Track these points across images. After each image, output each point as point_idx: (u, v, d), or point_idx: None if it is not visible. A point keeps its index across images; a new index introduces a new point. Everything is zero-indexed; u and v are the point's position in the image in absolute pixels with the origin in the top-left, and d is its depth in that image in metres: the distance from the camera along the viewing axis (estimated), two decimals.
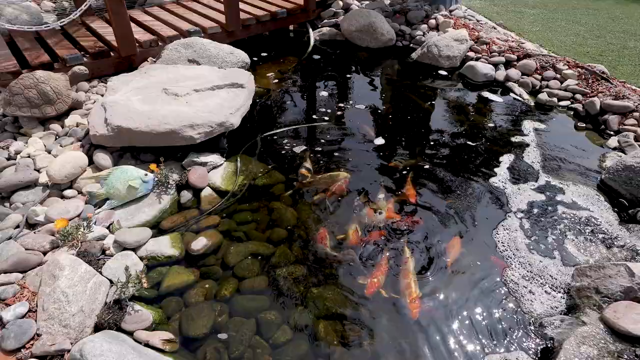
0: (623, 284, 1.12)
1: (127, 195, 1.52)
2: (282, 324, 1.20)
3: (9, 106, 1.83)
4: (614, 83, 2.29)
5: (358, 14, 3.10)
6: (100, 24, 2.70)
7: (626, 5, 4.32)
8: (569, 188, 1.68)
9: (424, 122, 2.22)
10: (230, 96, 1.93)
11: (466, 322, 1.19)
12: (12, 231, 1.36)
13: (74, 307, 1.07)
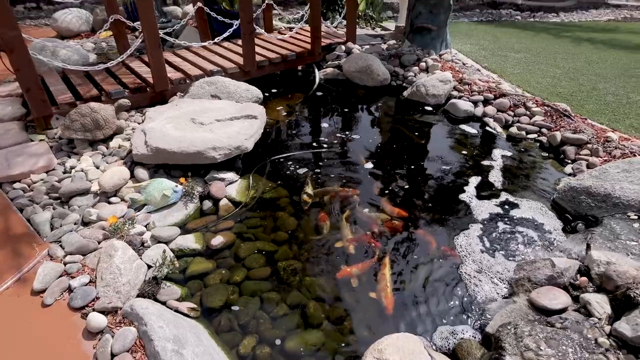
0: (547, 273, 1.43)
1: (161, 202, 1.90)
2: (280, 302, 1.52)
3: (67, 130, 2.25)
4: (574, 119, 2.65)
5: (358, 57, 3.56)
6: (137, 64, 3.19)
7: (604, 51, 4.76)
8: (524, 204, 2.01)
9: (409, 150, 2.59)
10: (246, 125, 2.34)
11: (423, 303, 1.50)
12: (72, 226, 1.73)
13: (124, 279, 1.42)
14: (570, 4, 9.77)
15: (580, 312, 1.29)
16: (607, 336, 1.18)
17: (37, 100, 2.32)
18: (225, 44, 3.71)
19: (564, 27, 6.70)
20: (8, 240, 1.66)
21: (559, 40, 5.37)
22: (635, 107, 3.04)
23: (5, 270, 1.51)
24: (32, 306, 1.38)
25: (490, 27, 6.48)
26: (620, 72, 3.88)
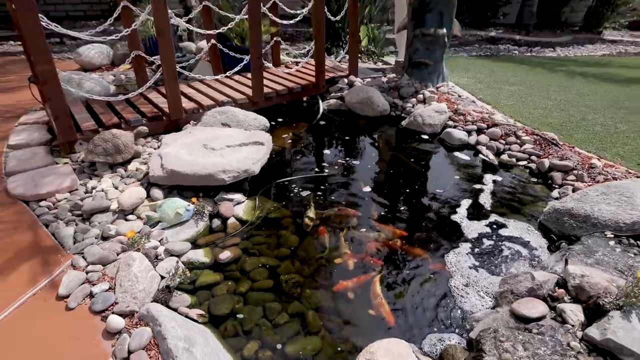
0: (528, 286, 1.55)
1: (174, 220, 2.06)
2: (282, 311, 1.65)
3: (90, 154, 2.46)
4: (561, 147, 2.82)
5: (359, 90, 3.80)
6: (154, 95, 3.44)
7: (595, 84, 4.98)
8: (512, 225, 2.14)
9: (406, 175, 2.76)
10: (253, 151, 2.53)
11: (414, 314, 1.62)
12: (93, 240, 1.89)
13: (140, 286, 1.57)
14: (567, 39, 10.15)
15: (557, 320, 1.40)
16: (579, 340, 1.29)
17: (64, 127, 2.55)
18: (236, 77, 3.99)
19: (558, 62, 7.00)
20: (35, 252, 1.82)
21: (552, 74, 5.62)
22: (621, 137, 3.21)
23: (33, 278, 1.67)
24: (57, 309, 1.53)
25: (488, 61, 6.79)
26: (609, 104, 4.08)
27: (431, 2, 3.77)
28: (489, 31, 10.58)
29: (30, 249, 1.84)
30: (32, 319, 1.49)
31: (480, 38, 9.93)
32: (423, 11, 3.86)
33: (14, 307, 1.52)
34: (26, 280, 1.65)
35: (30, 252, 1.82)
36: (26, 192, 2.25)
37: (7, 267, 1.72)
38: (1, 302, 1.54)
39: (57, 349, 1.38)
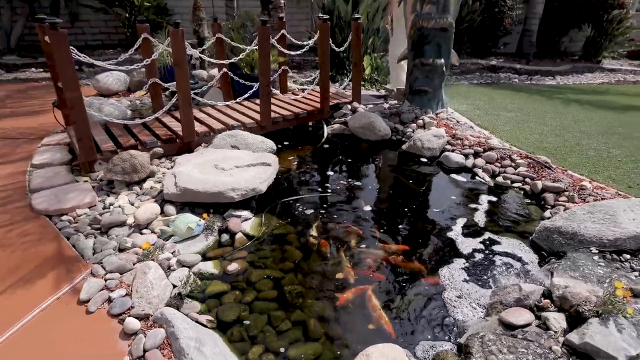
0: (515, 296, 1.65)
1: (186, 234, 2.21)
2: (285, 319, 1.76)
3: (109, 173, 2.64)
4: (554, 170, 2.95)
5: (362, 115, 4.00)
6: (169, 119, 3.66)
7: (591, 111, 5.15)
8: (505, 242, 2.25)
9: (406, 195, 2.89)
10: (260, 171, 2.70)
11: (409, 323, 1.72)
12: (111, 251, 2.04)
13: (155, 292, 1.70)
14: (566, 68, 10.42)
15: (541, 327, 1.50)
16: (560, 345, 1.39)
17: (86, 148, 2.75)
18: (245, 103, 4.22)
19: (556, 89, 7.21)
20: (58, 261, 1.97)
21: (550, 101, 5.81)
22: (614, 161, 3.33)
23: (57, 284, 1.81)
24: (78, 313, 1.66)
25: (488, 89, 7.03)
26: (603, 130, 4.22)
27: (429, 35, 4.02)
28: (490, 60, 10.90)
29: (53, 258, 1.99)
30: (55, 320, 1.62)
31: (482, 66, 10.22)
32: (422, 43, 4.10)
33: (39, 310, 1.66)
34: (50, 286, 1.79)
35: (53, 262, 1.96)
36: (49, 207, 2.42)
37: (33, 274, 1.87)
38: (28, 305, 1.67)
39: (77, 347, 1.50)
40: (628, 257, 1.84)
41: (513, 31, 11.45)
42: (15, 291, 1.77)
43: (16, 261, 1.96)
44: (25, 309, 1.66)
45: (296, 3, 10.41)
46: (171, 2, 10.09)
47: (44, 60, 8.70)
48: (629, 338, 1.33)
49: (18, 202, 2.56)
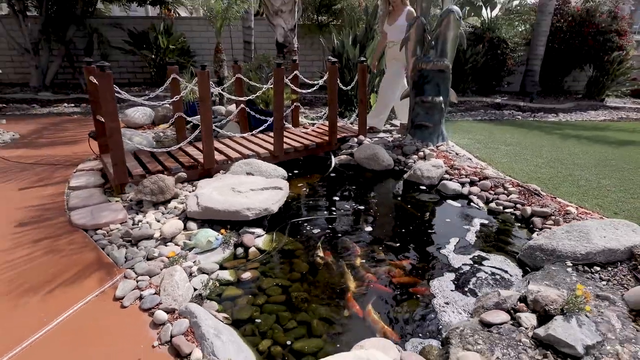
0: (495, 300, 1.87)
1: (206, 246, 2.49)
2: (291, 319, 1.99)
3: (139, 193, 2.98)
4: (543, 197, 3.18)
5: (367, 147, 4.33)
6: (191, 149, 4.05)
7: (587, 145, 5.40)
8: (493, 259, 2.47)
9: (404, 218, 3.15)
10: (273, 194, 3.01)
11: (400, 325, 1.93)
12: (141, 259, 2.33)
13: (180, 291, 1.96)
14: (570, 105, 10.74)
15: (514, 324, 1.71)
16: (529, 338, 1.59)
17: (120, 172, 3.11)
18: (260, 135, 4.61)
19: (557, 125, 7.50)
20: (96, 266, 2.27)
21: (548, 136, 6.09)
22: (603, 190, 3.55)
23: (96, 284, 2.09)
24: (114, 307, 1.93)
25: (490, 125, 7.35)
26: (597, 162, 4.46)
27: (428, 75, 4.41)
28: (495, 98, 11.30)
29: (92, 264, 2.29)
30: (95, 312, 1.89)
31: (486, 104, 10.59)
32: (422, 83, 4.49)
33: (82, 303, 1.94)
34: (90, 285, 2.08)
35: (92, 266, 2.26)
36: (87, 223, 2.74)
37: (77, 275, 2.16)
38: (73, 299, 1.96)
39: (113, 335, 1.76)
40: (598, 269, 2.05)
41: (516, 71, 11.91)
42: (63, 288, 2.06)
43: (62, 265, 2.27)
44: (71, 302, 1.94)
45: (310, 46, 11.15)
46: (194, 45, 10.93)
47: (75, 97, 9.44)
48: (587, 331, 1.54)
49: (59, 218, 2.91)
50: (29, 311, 1.91)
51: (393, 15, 4.96)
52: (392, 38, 4.97)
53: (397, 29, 4.85)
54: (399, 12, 4.88)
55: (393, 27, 4.93)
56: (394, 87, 5.16)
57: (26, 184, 3.61)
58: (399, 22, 4.85)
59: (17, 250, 2.45)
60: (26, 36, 9.34)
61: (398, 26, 4.84)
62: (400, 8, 4.87)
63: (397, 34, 4.86)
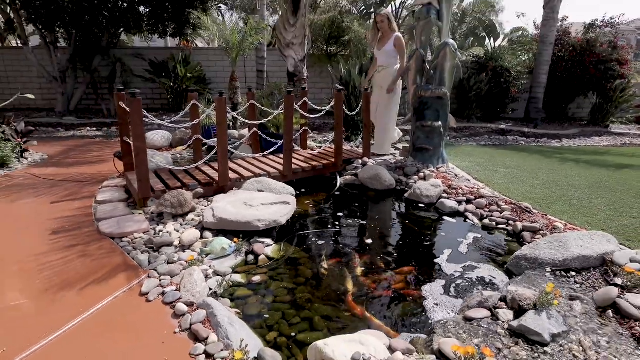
0: (478, 300, 2.08)
1: (220, 253, 2.76)
2: (295, 315, 2.22)
3: (160, 206, 3.29)
4: (534, 214, 3.40)
5: (370, 168, 4.62)
6: (207, 168, 4.38)
7: (585, 169, 5.59)
8: (483, 268, 2.68)
9: (403, 232, 3.38)
10: (281, 208, 3.29)
11: (393, 322, 2.15)
12: (163, 262, 2.60)
13: (198, 288, 2.22)
14: (575, 132, 10.93)
15: (493, 319, 1.91)
16: (505, 329, 1.80)
17: (144, 187, 3.44)
18: (271, 156, 4.94)
19: (557, 150, 7.71)
20: (123, 268, 2.54)
21: (547, 159, 6.31)
22: (594, 209, 3.75)
23: (122, 283, 2.36)
24: (140, 301, 2.19)
25: (492, 149, 7.60)
26: (591, 184, 4.66)
27: (428, 102, 4.74)
28: (500, 124, 11.57)
29: (120, 266, 2.57)
30: (123, 305, 2.16)
31: (491, 130, 10.85)
32: (423, 109, 4.81)
33: (112, 298, 2.20)
34: (118, 284, 2.35)
35: (120, 268, 2.54)
36: (114, 232, 3.05)
37: (107, 275, 2.44)
38: (102, 295, 2.23)
39: (140, 324, 2.01)
40: (574, 274, 2.25)
41: (520, 98, 12.22)
42: (95, 285, 2.34)
43: (93, 266, 2.55)
44: (102, 297, 2.21)
45: (319, 74, 11.69)
46: (209, 74, 11.55)
47: (97, 121, 10.00)
48: (554, 322, 1.74)
49: (88, 227, 3.22)
50: (66, 304, 2.18)
51: (382, 40, 5.30)
52: (381, 62, 5.31)
53: (386, 54, 5.21)
54: (388, 38, 5.22)
55: (382, 52, 5.27)
56: (388, 110, 5.40)
57: (57, 198, 3.96)
58: (387, 47, 5.20)
59: (53, 254, 2.75)
60: (55, 65, 10.04)
61: (386, 51, 5.20)
62: (388, 34, 5.22)
63: (385, 58, 5.23)
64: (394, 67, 5.22)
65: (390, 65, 5.23)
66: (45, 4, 8.61)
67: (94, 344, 1.87)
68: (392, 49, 5.13)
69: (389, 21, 5.17)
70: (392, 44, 5.16)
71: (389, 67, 5.23)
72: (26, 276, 2.46)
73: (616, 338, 1.71)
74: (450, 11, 4.77)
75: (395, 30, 5.23)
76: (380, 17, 5.20)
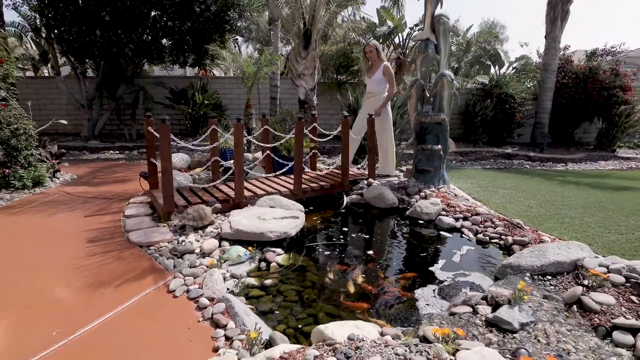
0: (462, 299, 2.36)
1: (236, 260, 3.10)
2: (302, 312, 2.52)
3: (183, 219, 3.67)
4: (524, 229, 3.67)
5: (375, 188, 4.95)
6: (223, 187, 4.78)
7: (583, 190, 5.82)
8: (473, 275, 2.94)
9: (403, 245, 3.67)
10: (291, 221, 3.63)
11: (389, 317, 2.43)
12: (186, 266, 2.95)
13: (217, 286, 2.55)
14: (581, 156, 11.11)
15: (473, 313, 2.19)
16: (482, 321, 2.08)
17: (169, 202, 3.83)
18: (282, 177, 5.32)
19: (560, 173, 7.93)
20: (152, 270, 2.90)
21: (548, 182, 6.55)
22: (584, 226, 3.99)
23: (152, 282, 2.71)
24: (168, 297, 2.53)
25: (495, 172, 7.87)
26: (586, 204, 4.89)
27: (428, 127, 5.11)
28: (506, 148, 11.83)
29: (148, 269, 2.92)
30: (153, 300, 2.50)
31: (497, 154, 11.10)
32: (424, 134, 5.18)
33: (144, 294, 2.55)
34: (148, 283, 2.70)
35: (148, 271, 2.89)
36: (142, 241, 3.42)
37: (136, 277, 2.80)
38: (135, 292, 2.58)
39: (168, 314, 2.35)
40: (549, 277, 2.52)
41: (526, 123, 12.51)
42: (128, 284, 2.69)
43: (125, 269, 2.92)
44: (135, 293, 2.56)
45: (329, 101, 12.26)
46: (225, 101, 12.21)
47: (119, 145, 10.61)
48: (524, 314, 2.02)
49: (118, 237, 3.60)
50: (105, 298, 2.53)
51: (372, 69, 5.67)
52: (371, 90, 5.69)
53: (375, 82, 5.59)
54: (377, 67, 5.60)
55: (371, 80, 5.65)
56: (385, 130, 5.74)
57: (89, 212, 4.38)
58: (376, 76, 5.58)
59: (90, 259, 3.12)
60: (83, 93, 10.81)
61: (376, 80, 5.58)
62: (377, 63, 5.61)
63: (375, 86, 5.61)
64: (383, 95, 5.59)
65: (380, 93, 5.60)
66: (78, 38, 9.42)
67: (131, 328, 2.21)
68: (382, 77, 5.52)
69: (377, 52, 5.57)
70: (381, 72, 5.54)
71: (378, 94, 5.60)
72: (68, 276, 2.83)
73: (577, 327, 1.97)
74: (447, 45, 5.21)
75: (384, 60, 5.63)
76: (369, 47, 5.60)
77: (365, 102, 5.86)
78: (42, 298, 2.55)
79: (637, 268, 2.27)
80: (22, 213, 4.36)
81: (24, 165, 5.44)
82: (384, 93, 5.61)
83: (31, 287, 2.68)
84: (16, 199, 4.87)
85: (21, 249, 3.37)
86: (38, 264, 3.05)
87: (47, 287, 2.69)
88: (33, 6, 9.46)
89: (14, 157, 5.34)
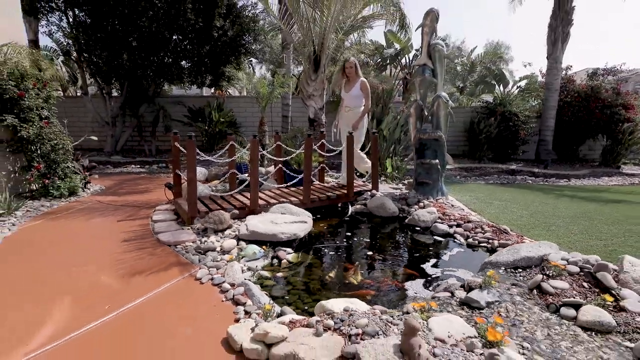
0: (444, 287, 2.78)
1: (252, 256, 3.56)
2: (308, 298, 2.96)
3: (205, 223, 4.17)
4: (510, 235, 4.07)
5: (377, 198, 5.41)
6: (240, 196, 5.29)
7: (576, 202, 6.16)
8: (459, 272, 3.35)
9: (401, 248, 4.10)
10: (300, 225, 4.10)
11: (381, 303, 2.86)
12: (210, 260, 3.43)
13: (237, 275, 3.02)
14: (585, 172, 11.36)
15: (451, 296, 2.61)
16: (456, 302, 2.50)
17: (193, 209, 4.35)
18: (293, 188, 5.82)
19: (559, 188, 8.25)
20: (181, 263, 3.39)
21: (545, 195, 6.90)
22: (568, 234, 4.36)
23: (181, 272, 3.20)
24: (195, 284, 3.01)
25: (496, 186, 8.23)
26: (574, 215, 5.25)
27: (427, 143, 5.58)
28: (510, 165, 12.14)
29: (176, 263, 3.41)
30: (183, 286, 2.98)
31: (501, 170, 11.41)
32: (422, 149, 5.65)
33: (176, 281, 3.03)
34: (179, 272, 3.19)
35: (177, 264, 3.38)
36: (170, 240, 3.93)
37: (167, 268, 3.29)
38: (166, 280, 3.06)
39: (196, 297, 2.82)
40: (520, 270, 2.92)
41: (530, 140, 12.83)
42: (160, 273, 3.18)
43: (157, 262, 3.41)
44: (167, 280, 3.04)
45: None
46: (240, 118, 12.88)
47: (140, 160, 11.28)
48: (491, 295, 2.43)
49: (149, 238, 4.11)
50: (142, 284, 3.02)
51: (349, 84, 6.02)
52: (348, 104, 6.04)
53: (352, 97, 5.95)
54: (354, 82, 5.97)
55: (348, 95, 6.00)
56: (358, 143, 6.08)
57: (121, 218, 4.92)
58: (353, 91, 5.94)
59: (126, 254, 3.63)
60: (109, 112, 11.59)
61: (353, 95, 5.93)
62: (354, 79, 5.98)
63: (352, 101, 5.95)
64: (359, 109, 5.96)
65: (357, 107, 5.96)
66: (107, 62, 10.24)
67: (168, 305, 2.69)
68: (359, 92, 5.89)
69: (356, 68, 5.96)
70: (358, 87, 5.92)
71: (355, 108, 5.96)
72: (110, 268, 3.33)
73: (534, 306, 2.37)
74: (442, 69, 5.72)
75: (361, 76, 6.00)
76: (349, 64, 5.98)
77: (342, 116, 6.17)
78: (93, 284, 3.04)
79: (591, 260, 2.67)
80: (61, 218, 4.92)
81: (61, 176, 6.06)
82: (361, 107, 5.96)
83: (83, 277, 3.18)
84: (55, 206, 5.46)
85: (66, 248, 3.90)
86: (84, 260, 3.56)
87: (96, 276, 3.19)
88: (67, 33, 10.33)
89: (53, 169, 5.97)
